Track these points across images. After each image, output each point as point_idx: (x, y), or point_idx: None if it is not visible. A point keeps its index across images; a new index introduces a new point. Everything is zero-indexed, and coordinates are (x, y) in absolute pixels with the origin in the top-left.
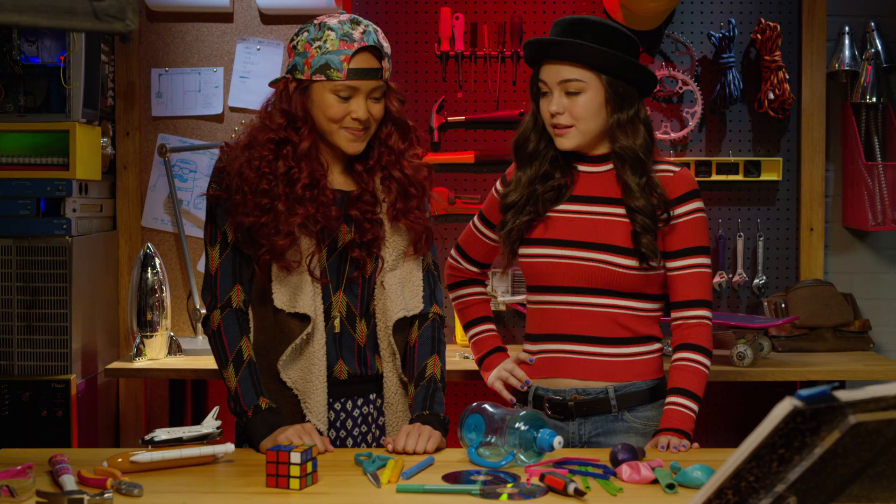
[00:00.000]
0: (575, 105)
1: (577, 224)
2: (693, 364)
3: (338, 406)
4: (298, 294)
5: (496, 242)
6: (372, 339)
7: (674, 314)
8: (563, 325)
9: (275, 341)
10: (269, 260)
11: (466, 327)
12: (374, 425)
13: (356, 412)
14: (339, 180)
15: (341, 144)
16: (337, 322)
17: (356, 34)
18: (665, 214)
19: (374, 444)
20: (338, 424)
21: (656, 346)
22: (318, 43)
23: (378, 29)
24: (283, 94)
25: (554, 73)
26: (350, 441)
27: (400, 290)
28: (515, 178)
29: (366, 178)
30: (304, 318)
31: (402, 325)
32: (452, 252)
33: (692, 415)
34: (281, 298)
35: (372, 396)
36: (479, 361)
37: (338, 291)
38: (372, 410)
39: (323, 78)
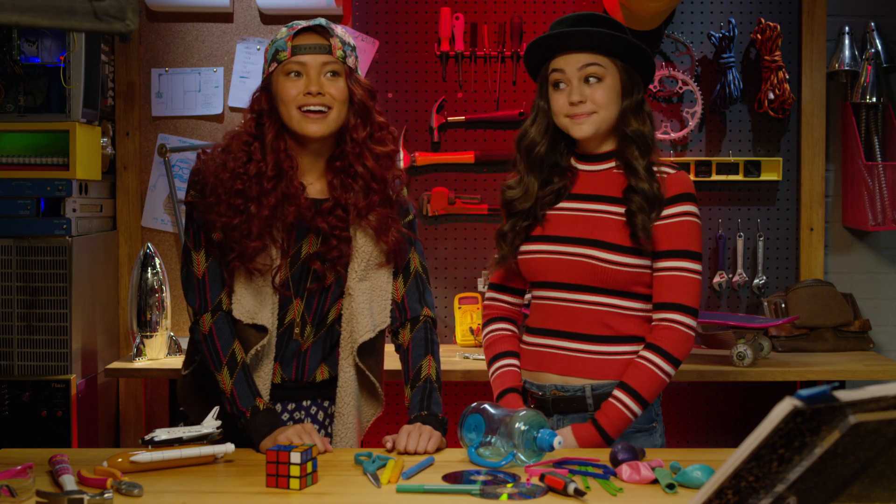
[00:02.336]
0: (596, 92)
1: (571, 221)
2: (649, 365)
3: (278, 407)
4: (259, 306)
5: None
6: (319, 347)
7: (652, 315)
8: (552, 320)
9: None
10: (235, 266)
11: (490, 362)
12: (317, 426)
13: (285, 415)
14: (314, 188)
15: (302, 128)
16: (295, 329)
17: (303, 22)
18: (658, 208)
19: None
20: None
21: (639, 346)
22: (272, 39)
23: (339, 26)
24: (253, 99)
25: (573, 62)
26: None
27: (368, 305)
28: (524, 183)
29: (338, 187)
30: (262, 330)
31: (370, 340)
32: (487, 293)
33: (629, 416)
34: (240, 309)
35: (306, 403)
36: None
37: (296, 299)
38: (303, 417)
39: (275, 65)
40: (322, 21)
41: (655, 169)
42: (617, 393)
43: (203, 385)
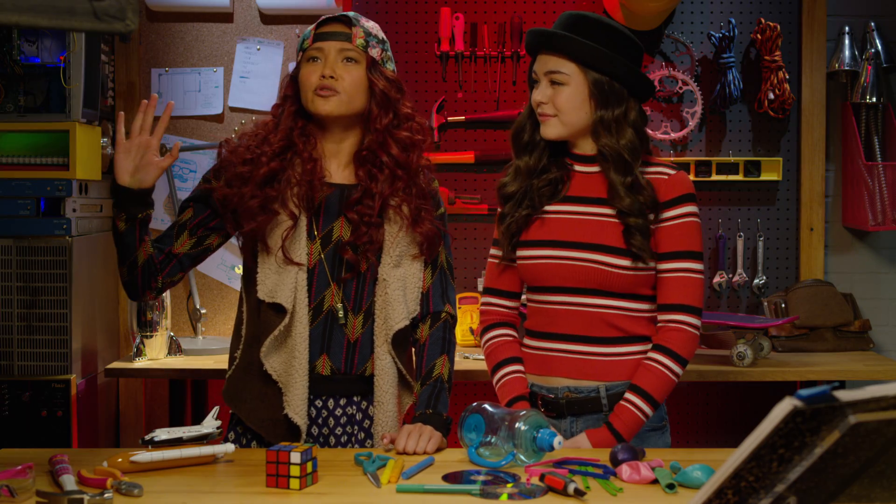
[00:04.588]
0: (557, 96)
1: (571, 224)
2: (659, 367)
3: (319, 403)
4: (279, 285)
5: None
6: (367, 339)
7: (658, 317)
8: (557, 324)
9: (259, 332)
10: (254, 240)
11: (494, 370)
12: (356, 427)
13: (339, 411)
14: (339, 174)
15: (314, 107)
16: (337, 315)
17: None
18: (652, 215)
19: (357, 446)
20: (319, 422)
21: (649, 345)
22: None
23: (369, 21)
24: (282, 86)
25: (542, 64)
26: (332, 440)
27: (402, 293)
28: (513, 167)
29: (364, 178)
30: (282, 310)
31: (404, 328)
32: (483, 298)
33: (641, 418)
34: (262, 289)
35: (356, 398)
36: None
37: (332, 284)
38: (355, 412)
39: (301, 53)
40: (350, 13)
41: (654, 170)
42: (629, 395)
43: (251, 382)
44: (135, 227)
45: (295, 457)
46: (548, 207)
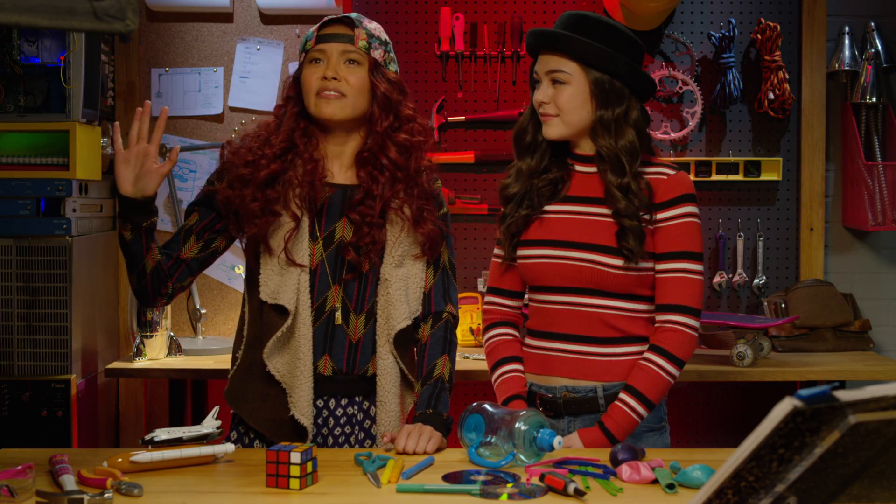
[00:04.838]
0: (559, 95)
1: (568, 224)
2: (653, 367)
3: (320, 403)
4: (282, 287)
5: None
6: (369, 339)
7: (655, 317)
8: (556, 323)
9: (262, 333)
10: (256, 241)
11: (493, 368)
12: (357, 427)
13: (339, 411)
14: (342, 175)
15: (318, 110)
16: (335, 315)
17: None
18: (648, 216)
19: (357, 446)
20: (319, 422)
21: (647, 346)
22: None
23: (372, 22)
24: (285, 87)
25: (543, 64)
26: (331, 440)
27: (404, 293)
28: (515, 168)
29: (366, 179)
30: (285, 311)
31: (406, 328)
32: (486, 297)
33: (635, 418)
34: (265, 290)
35: (358, 398)
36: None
37: (334, 285)
38: (357, 412)
39: (304, 55)
40: (353, 14)
41: (654, 170)
42: (623, 396)
43: (253, 383)
44: (140, 235)
45: (295, 457)
46: (547, 207)
